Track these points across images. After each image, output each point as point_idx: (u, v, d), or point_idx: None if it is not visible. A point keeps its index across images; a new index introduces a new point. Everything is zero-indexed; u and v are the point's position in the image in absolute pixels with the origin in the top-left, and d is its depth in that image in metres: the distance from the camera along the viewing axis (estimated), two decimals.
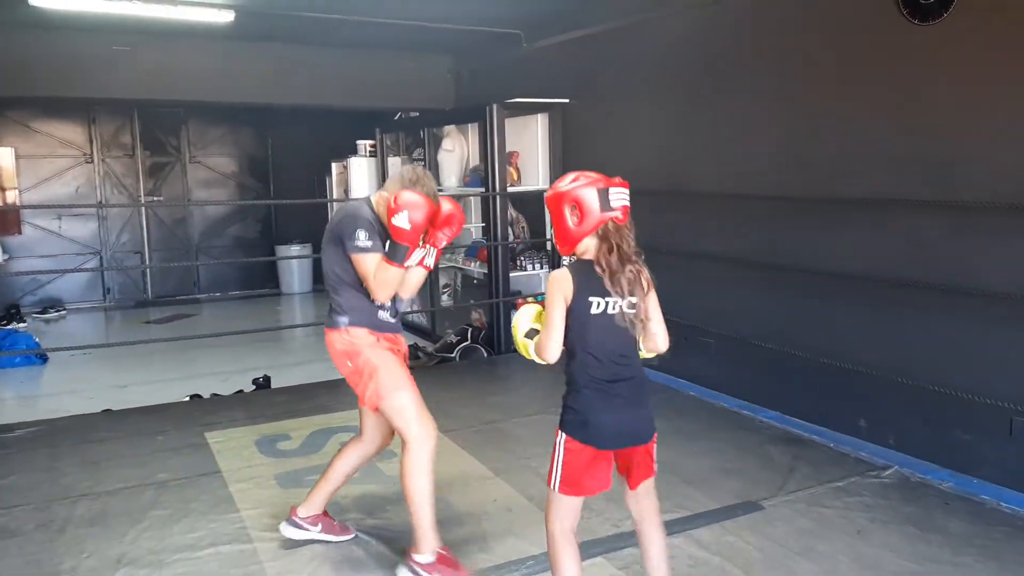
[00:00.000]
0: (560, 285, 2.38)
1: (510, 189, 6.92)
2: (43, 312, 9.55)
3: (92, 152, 10.37)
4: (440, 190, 7.92)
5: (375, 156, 8.85)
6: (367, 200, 3.08)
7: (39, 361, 7.19)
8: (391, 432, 3.08)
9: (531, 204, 7.15)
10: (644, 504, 2.57)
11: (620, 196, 2.48)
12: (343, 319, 2.96)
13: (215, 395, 5.57)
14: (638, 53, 5.86)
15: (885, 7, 4.01)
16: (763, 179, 4.87)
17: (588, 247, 2.44)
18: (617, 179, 2.52)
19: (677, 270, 5.60)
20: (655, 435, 2.50)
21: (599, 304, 2.37)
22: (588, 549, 3.12)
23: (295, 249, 10.82)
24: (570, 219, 2.42)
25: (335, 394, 5.40)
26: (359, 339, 2.95)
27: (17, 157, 9.75)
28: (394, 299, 3.01)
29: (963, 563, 3.01)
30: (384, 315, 3.01)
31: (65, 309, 9.84)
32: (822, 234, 4.53)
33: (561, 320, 2.38)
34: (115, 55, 7.08)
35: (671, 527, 3.28)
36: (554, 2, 6.20)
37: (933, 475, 3.80)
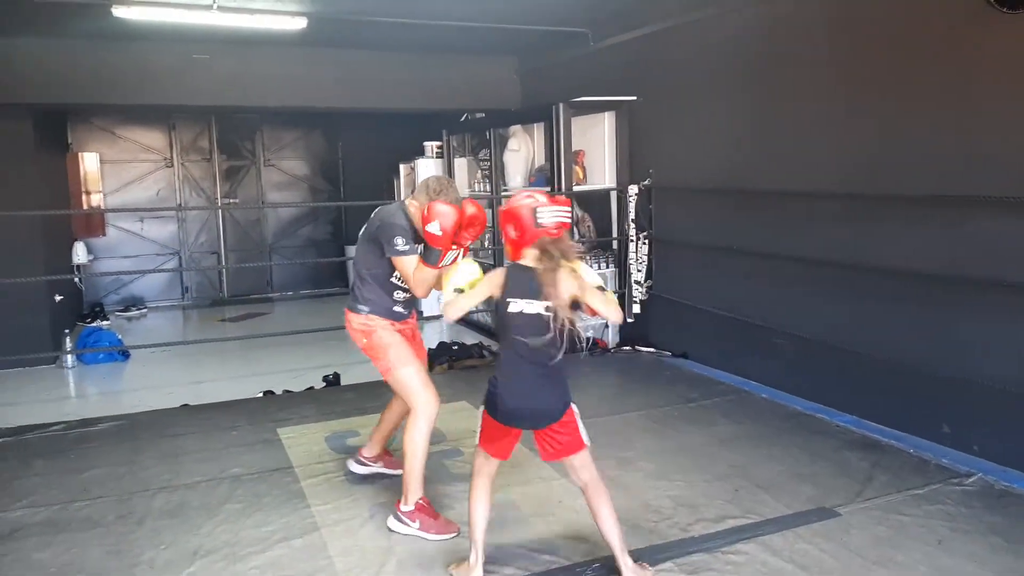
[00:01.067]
0: (494, 281, 2.84)
1: (576, 188, 6.89)
2: (125, 310, 9.97)
3: (172, 157, 10.77)
4: (505, 190, 7.98)
5: (442, 157, 8.94)
6: (401, 205, 3.48)
7: (122, 358, 7.50)
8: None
9: (597, 203, 7.10)
10: (582, 476, 2.90)
11: (555, 214, 2.78)
12: (363, 307, 3.49)
13: (287, 391, 5.70)
14: (706, 49, 5.75)
15: None
16: (838, 177, 4.71)
17: (527, 255, 2.79)
18: (560, 198, 2.92)
19: (748, 270, 5.49)
20: (565, 415, 2.83)
21: (516, 304, 2.76)
22: (655, 554, 3.08)
23: None
24: (512, 232, 2.80)
25: None
26: (374, 322, 3.49)
27: (102, 162, 10.18)
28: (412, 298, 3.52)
29: None
30: (398, 308, 3.54)
31: (146, 307, 10.24)
32: (901, 232, 4.36)
33: (475, 302, 2.90)
34: (194, 63, 7.32)
35: (741, 532, 3.22)
36: (619, 0, 6.14)
37: (1019, 483, 3.62)
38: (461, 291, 2.93)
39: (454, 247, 3.24)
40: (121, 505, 3.67)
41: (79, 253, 9.07)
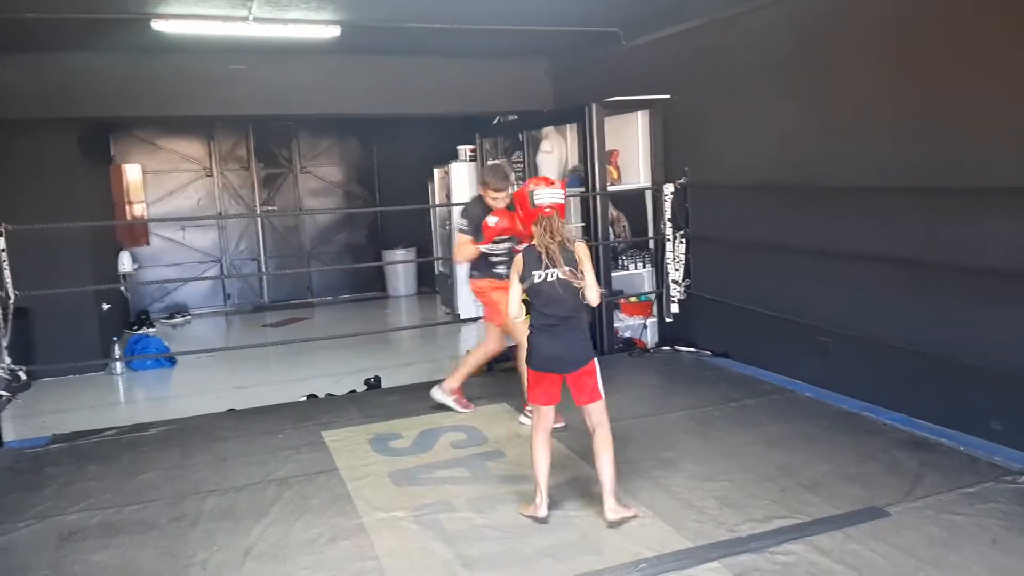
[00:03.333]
0: (516, 265, 3.53)
1: (610, 188, 6.86)
2: (170, 317, 10.18)
3: (211, 166, 10.98)
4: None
5: (475, 160, 8.97)
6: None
7: (168, 364, 7.67)
8: (502, 340, 4.94)
9: (632, 202, 7.06)
10: (593, 421, 3.50)
11: (548, 195, 3.48)
12: (476, 273, 4.84)
13: (330, 395, 5.78)
14: (741, 45, 5.69)
15: None
16: (882, 171, 4.63)
17: (534, 233, 3.48)
18: (556, 182, 3.62)
19: (789, 267, 5.43)
20: (588, 364, 3.45)
21: (535, 276, 3.42)
22: (702, 555, 3.07)
23: (400, 253, 11.10)
24: (520, 212, 3.60)
25: None
26: (483, 284, 4.80)
27: (144, 172, 10.42)
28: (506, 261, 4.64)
29: None
30: (500, 270, 4.69)
31: (190, 314, 10.45)
32: (948, 226, 4.27)
33: (516, 288, 3.49)
34: (231, 74, 7.45)
35: (789, 533, 3.20)
36: None
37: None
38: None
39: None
40: (173, 508, 3.76)
41: (124, 262, 9.29)
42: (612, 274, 6.81)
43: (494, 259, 4.74)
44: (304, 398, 5.73)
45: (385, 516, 3.54)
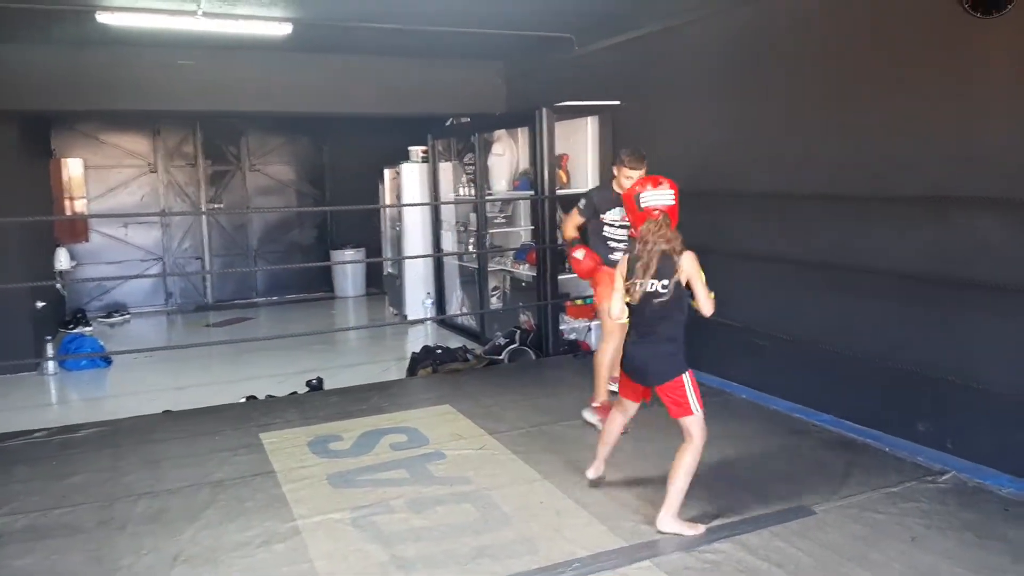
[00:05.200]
0: (620, 267, 3.47)
1: (559, 192, 6.92)
2: (108, 316, 9.91)
3: (156, 162, 10.74)
4: (489, 193, 8.01)
5: (427, 162, 8.96)
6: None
7: (104, 364, 7.48)
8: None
9: None
10: (685, 435, 3.31)
11: (654, 197, 3.36)
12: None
13: (270, 396, 5.70)
14: (688, 53, 5.80)
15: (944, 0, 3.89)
16: (818, 178, 4.77)
17: (638, 237, 3.36)
18: (666, 182, 3.44)
19: (730, 271, 5.52)
20: (674, 380, 3.29)
21: (634, 283, 3.31)
22: (636, 553, 3.12)
23: (349, 254, 11.02)
24: (629, 218, 3.52)
25: (386, 395, 5.50)
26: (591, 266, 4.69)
27: (86, 168, 10.14)
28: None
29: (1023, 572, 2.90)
30: (613, 256, 4.55)
31: (129, 313, 10.19)
32: (878, 233, 4.41)
33: (620, 287, 3.43)
34: (178, 69, 7.30)
35: (719, 532, 3.26)
36: (605, 5, 6.18)
37: (992, 480, 3.67)
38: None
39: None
40: (102, 511, 3.66)
41: (61, 259, 9.02)
42: (559, 276, 6.86)
43: (612, 244, 4.68)
44: (244, 399, 5.64)
45: (321, 519, 3.51)
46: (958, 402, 3.99)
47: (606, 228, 4.71)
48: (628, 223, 4.34)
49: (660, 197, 3.34)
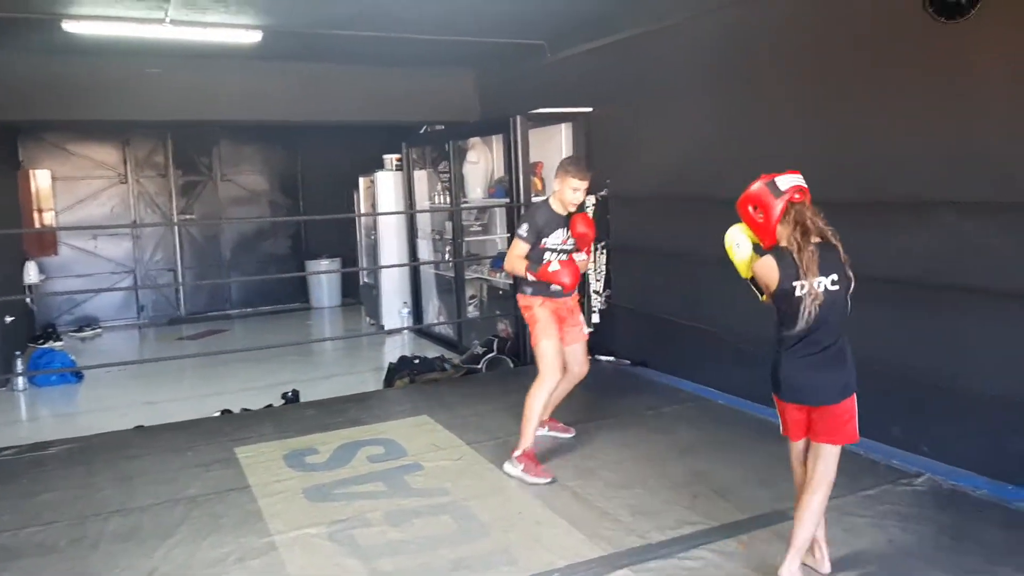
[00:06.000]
0: (768, 264, 2.76)
1: (534, 199, 6.92)
2: (79, 330, 9.74)
3: (126, 173, 10.59)
4: (464, 201, 8.00)
5: (401, 170, 8.92)
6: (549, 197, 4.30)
7: (75, 379, 7.33)
8: (570, 365, 4.32)
9: None
10: (817, 465, 2.82)
11: (789, 180, 2.79)
12: (528, 289, 4.22)
13: (245, 410, 5.63)
14: (662, 59, 5.83)
15: (911, 5, 3.94)
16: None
17: (782, 236, 2.76)
18: (788, 171, 2.87)
19: (707, 278, 5.56)
20: (848, 401, 2.79)
21: (798, 286, 2.69)
22: (615, 562, 3.12)
23: (324, 264, 10.93)
24: (756, 216, 2.82)
25: (363, 407, 5.45)
26: (531, 300, 4.20)
27: (54, 179, 9.97)
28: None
29: (998, 573, 2.93)
30: (554, 288, 4.16)
31: (100, 327, 10.02)
32: (858, 237, 4.43)
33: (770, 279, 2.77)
34: (147, 78, 7.22)
35: (698, 538, 3.27)
36: (577, 12, 6.21)
37: (967, 482, 3.71)
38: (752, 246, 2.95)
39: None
40: (74, 529, 3.59)
41: (30, 273, 8.86)
42: None
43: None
44: (218, 413, 5.56)
45: (298, 533, 3.46)
46: (933, 405, 4.03)
47: (547, 254, 4.15)
48: (570, 247, 4.19)
49: (796, 179, 2.82)
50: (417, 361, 6.66)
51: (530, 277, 4.13)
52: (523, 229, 4.14)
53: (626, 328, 6.42)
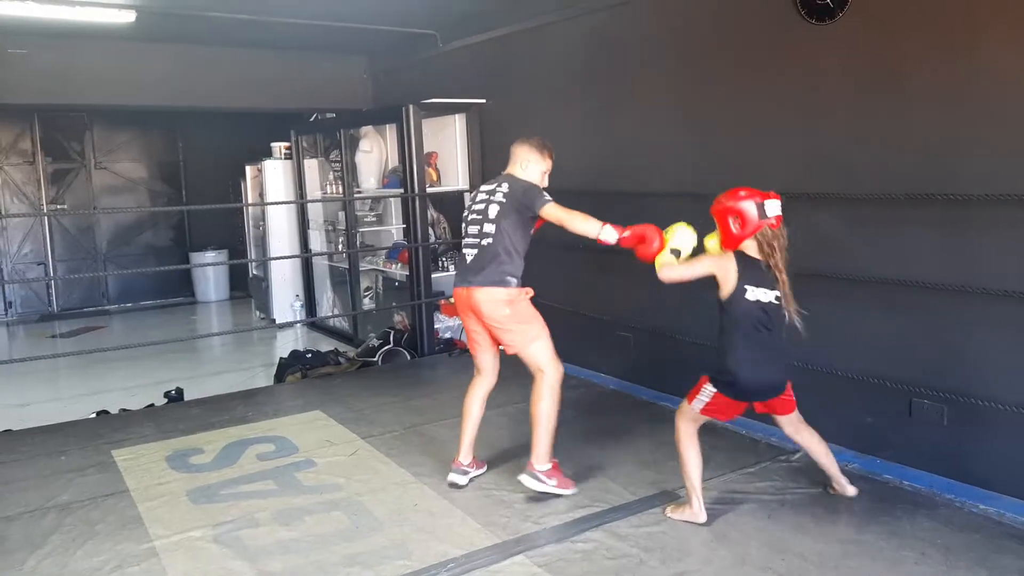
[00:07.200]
0: (723, 265, 3.15)
1: (430, 190, 6.88)
2: None
3: None
4: (358, 191, 7.85)
5: (290, 158, 8.66)
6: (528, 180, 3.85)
7: None
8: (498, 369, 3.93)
9: (452, 205, 7.10)
10: (786, 428, 3.45)
11: (775, 207, 3.12)
12: (514, 280, 3.68)
13: (124, 410, 5.34)
14: (552, 53, 5.88)
15: (784, 6, 4.13)
16: (677, 177, 4.95)
17: (748, 247, 3.13)
18: (771, 193, 3.15)
19: (594, 268, 5.68)
20: (788, 385, 3.29)
21: (753, 292, 3.09)
22: (510, 548, 3.14)
23: (210, 256, 10.51)
24: (733, 226, 3.12)
25: (252, 404, 5.28)
26: (518, 293, 3.70)
27: None
28: None
29: (866, 540, 3.13)
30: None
31: None
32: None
33: (694, 275, 3.24)
34: (10, 58, 6.71)
35: (590, 521, 3.34)
36: (468, 3, 6.18)
37: (839, 456, 3.91)
38: (677, 253, 3.33)
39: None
40: None
41: None
42: (433, 275, 6.82)
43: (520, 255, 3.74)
44: (94, 415, 5.26)
45: (180, 537, 3.32)
46: (804, 385, 4.22)
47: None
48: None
49: (777, 207, 3.14)
50: (310, 355, 6.50)
51: (612, 239, 3.53)
52: (549, 196, 3.68)
53: None
